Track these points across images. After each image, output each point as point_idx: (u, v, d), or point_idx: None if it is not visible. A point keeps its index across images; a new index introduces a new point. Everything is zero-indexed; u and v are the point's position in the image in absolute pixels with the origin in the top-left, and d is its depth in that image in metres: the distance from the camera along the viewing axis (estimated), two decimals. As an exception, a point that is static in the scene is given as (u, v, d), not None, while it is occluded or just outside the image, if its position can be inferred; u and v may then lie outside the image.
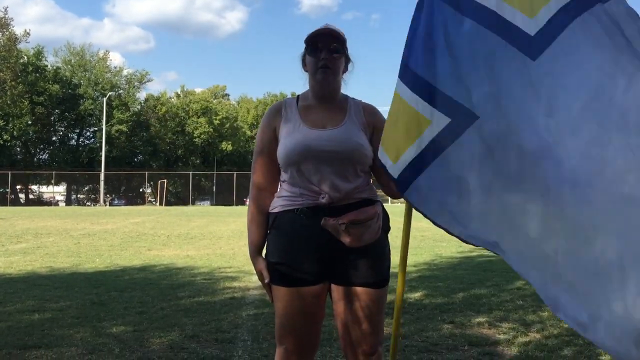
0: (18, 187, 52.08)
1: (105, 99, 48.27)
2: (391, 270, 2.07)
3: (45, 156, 54.96)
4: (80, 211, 31.55)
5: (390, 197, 2.19)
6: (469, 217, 1.68)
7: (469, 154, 1.66)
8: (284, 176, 2.10)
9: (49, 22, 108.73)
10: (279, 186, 2.14)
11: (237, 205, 46.13)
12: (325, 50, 2.02)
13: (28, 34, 44.58)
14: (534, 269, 1.56)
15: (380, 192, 2.23)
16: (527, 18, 1.62)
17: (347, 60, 2.12)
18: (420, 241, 11.29)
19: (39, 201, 53.50)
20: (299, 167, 2.01)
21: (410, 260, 7.14)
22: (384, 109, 1.99)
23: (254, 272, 2.15)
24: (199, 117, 55.59)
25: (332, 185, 1.99)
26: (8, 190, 46.03)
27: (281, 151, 2.05)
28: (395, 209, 16.19)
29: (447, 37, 1.71)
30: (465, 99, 1.66)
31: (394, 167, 1.78)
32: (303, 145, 2.00)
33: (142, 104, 56.01)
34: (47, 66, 51.49)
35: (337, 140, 2.00)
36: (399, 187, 1.84)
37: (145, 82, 56.79)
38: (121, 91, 54.14)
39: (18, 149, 52.18)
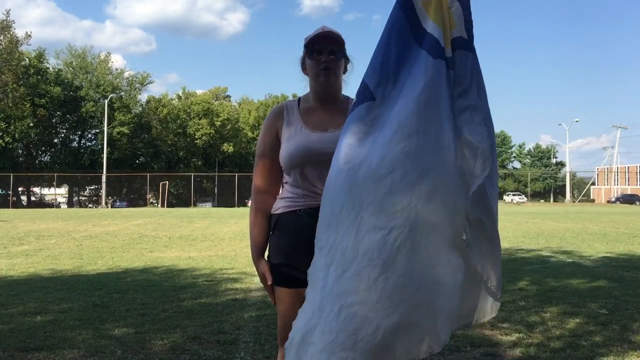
0: (20, 189, 52.17)
1: (106, 101, 48.35)
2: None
3: (47, 158, 55.05)
4: (82, 213, 31.58)
5: None
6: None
7: (352, 129, 1.78)
8: (286, 178, 2.10)
9: (51, 24, 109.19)
10: (281, 188, 2.14)
11: (238, 206, 46.16)
12: (326, 53, 2.03)
13: (30, 36, 44.66)
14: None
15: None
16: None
17: (346, 60, 2.13)
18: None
19: (41, 203, 53.59)
20: (302, 169, 2.02)
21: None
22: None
23: (256, 273, 2.15)
24: (200, 119, 55.61)
25: None
26: (10, 192, 46.09)
27: (283, 154, 2.05)
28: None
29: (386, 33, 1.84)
30: (372, 82, 1.80)
31: None
32: (305, 148, 2.01)
33: (144, 106, 56.05)
34: (48, 68, 51.59)
35: (337, 142, 2.00)
36: None
37: (146, 84, 56.83)
38: (122, 93, 54.17)
39: (20, 151, 52.25)
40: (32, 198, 55.14)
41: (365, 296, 1.59)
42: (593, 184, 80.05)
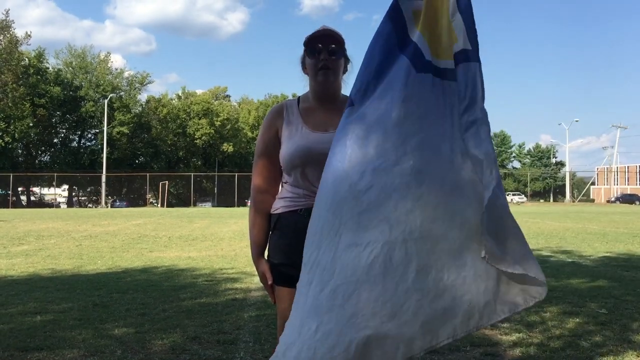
0: (20, 189, 52.17)
1: (106, 101, 48.35)
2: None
3: (46, 158, 55.06)
4: (81, 213, 31.59)
5: None
6: None
7: (336, 140, 1.82)
8: (286, 178, 2.10)
9: (50, 24, 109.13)
10: (281, 187, 2.14)
11: (238, 206, 46.16)
12: (325, 52, 2.03)
13: (29, 36, 44.72)
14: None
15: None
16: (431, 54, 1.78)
17: (346, 60, 2.13)
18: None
19: (41, 203, 53.59)
20: (302, 170, 2.02)
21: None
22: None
23: (256, 273, 2.15)
24: (200, 119, 55.62)
25: None
26: (10, 192, 46.10)
27: (284, 154, 2.05)
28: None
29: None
30: (353, 89, 1.84)
31: None
32: (305, 148, 2.01)
33: (143, 106, 56.06)
34: (48, 68, 51.57)
35: None
36: None
37: (146, 84, 56.86)
38: (122, 93, 54.17)
39: (19, 151, 52.25)
40: (32, 198, 55.13)
41: (340, 313, 1.61)
42: (593, 183, 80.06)
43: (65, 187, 56.75)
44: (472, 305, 1.65)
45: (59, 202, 54.66)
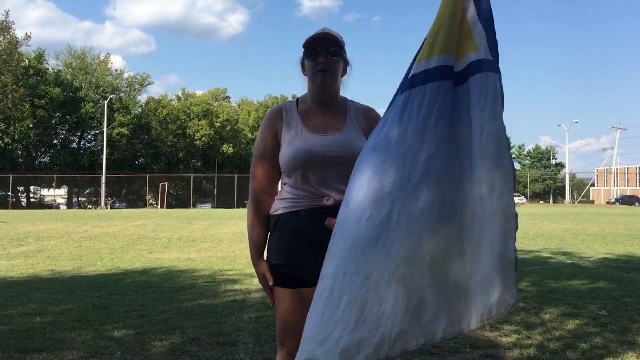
0: (20, 190, 52.14)
1: (106, 102, 48.35)
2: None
3: (46, 159, 55.04)
4: (81, 214, 31.59)
5: None
6: None
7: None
8: (286, 180, 2.10)
9: (51, 25, 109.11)
10: (281, 189, 2.14)
11: (238, 208, 46.13)
12: (324, 54, 2.03)
13: (29, 37, 44.56)
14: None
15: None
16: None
17: (346, 64, 2.13)
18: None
19: (41, 204, 53.54)
20: (304, 172, 2.02)
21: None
22: (384, 111, 2.01)
23: (256, 275, 2.15)
24: (200, 120, 55.61)
25: (336, 190, 2.00)
26: (10, 193, 46.08)
27: (285, 157, 2.05)
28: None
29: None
30: None
31: None
32: (307, 151, 2.01)
33: (144, 107, 56.03)
34: (48, 69, 51.57)
35: (339, 146, 2.01)
36: None
37: (146, 85, 56.84)
38: (122, 94, 54.15)
39: (19, 152, 52.24)
40: (32, 199, 55.11)
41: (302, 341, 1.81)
42: (593, 185, 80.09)
43: (65, 188, 56.71)
44: (383, 338, 1.74)
45: (59, 204, 54.63)
